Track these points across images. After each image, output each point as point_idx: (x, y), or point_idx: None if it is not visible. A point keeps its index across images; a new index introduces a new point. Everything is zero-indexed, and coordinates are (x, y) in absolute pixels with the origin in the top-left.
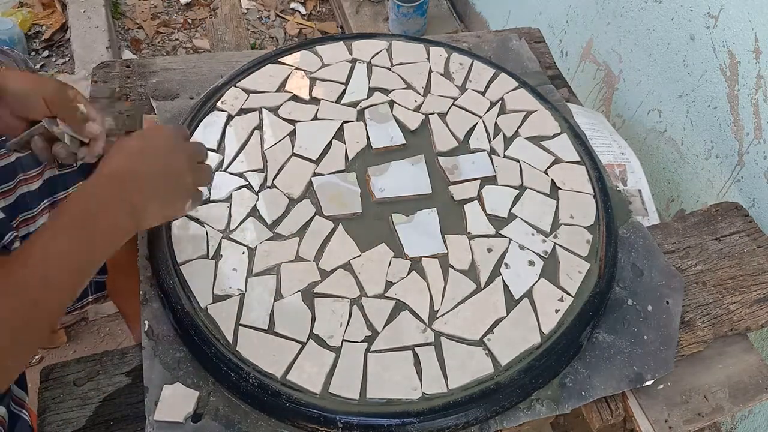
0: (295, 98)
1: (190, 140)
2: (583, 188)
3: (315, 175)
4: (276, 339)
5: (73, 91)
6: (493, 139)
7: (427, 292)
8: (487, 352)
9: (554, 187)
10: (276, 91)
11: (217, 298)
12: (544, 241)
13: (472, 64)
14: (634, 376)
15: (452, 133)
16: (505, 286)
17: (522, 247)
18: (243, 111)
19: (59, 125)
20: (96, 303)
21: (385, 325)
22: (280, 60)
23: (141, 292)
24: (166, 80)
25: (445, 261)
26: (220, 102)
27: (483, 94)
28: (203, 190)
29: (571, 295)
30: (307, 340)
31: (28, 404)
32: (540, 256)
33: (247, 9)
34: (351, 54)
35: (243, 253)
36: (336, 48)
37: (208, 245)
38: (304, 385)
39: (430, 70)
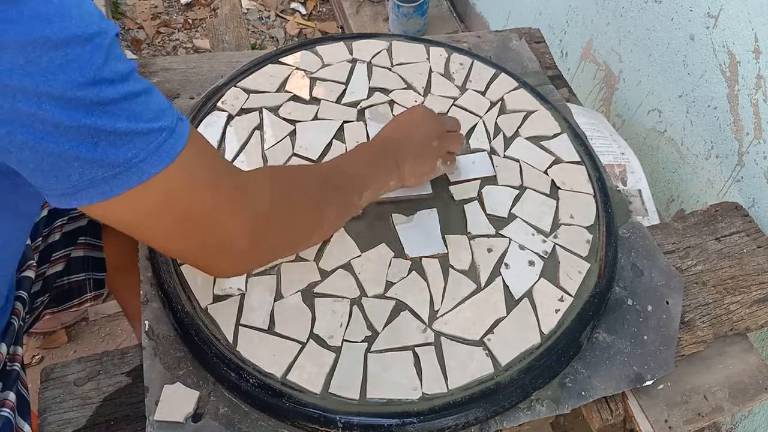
0: (295, 98)
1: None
2: (583, 188)
3: None
4: (276, 339)
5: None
6: (493, 139)
7: (427, 292)
8: (487, 352)
9: (554, 187)
10: (276, 91)
11: (218, 298)
12: (544, 241)
13: (472, 64)
14: (634, 376)
15: None
16: (505, 286)
17: (522, 247)
18: (243, 111)
19: None
20: (95, 301)
21: (385, 325)
22: (280, 60)
23: (141, 292)
24: (166, 80)
25: (445, 261)
26: (220, 102)
27: (483, 94)
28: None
29: (571, 295)
30: (307, 340)
31: (10, 403)
32: (540, 256)
33: (248, 9)
34: (351, 54)
35: None
36: (336, 48)
37: None
38: (304, 385)
39: (430, 70)
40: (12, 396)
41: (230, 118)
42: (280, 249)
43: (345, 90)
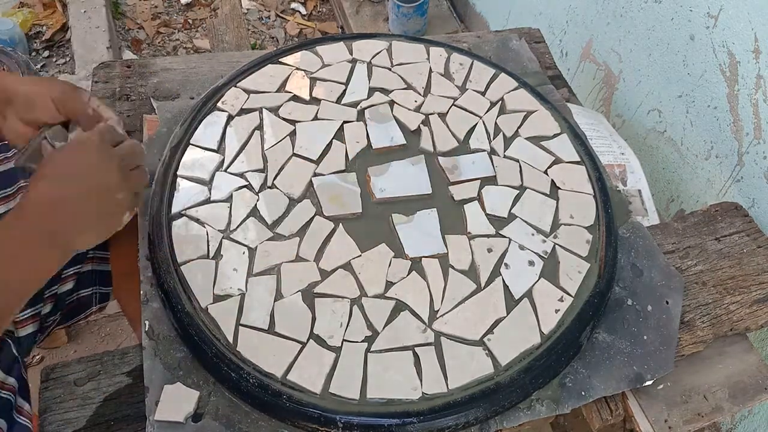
0: (295, 98)
1: (125, 142)
2: (583, 188)
3: (315, 175)
4: (276, 339)
5: (81, 90)
6: (493, 139)
7: (427, 292)
8: (487, 352)
9: (554, 187)
10: (276, 92)
11: (218, 298)
12: (544, 241)
13: (472, 64)
14: (634, 376)
15: (452, 133)
16: (505, 286)
17: (522, 247)
18: (243, 111)
19: (70, 129)
20: (99, 312)
21: (385, 325)
22: (280, 60)
23: (141, 292)
24: (166, 80)
25: (445, 261)
26: (220, 102)
27: (483, 94)
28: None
29: (571, 295)
30: (308, 340)
31: (27, 410)
32: (540, 256)
33: (248, 9)
34: (351, 54)
35: (243, 253)
36: (336, 48)
37: (208, 245)
38: (304, 385)
39: (430, 70)
40: (11, 380)
41: (230, 118)
42: None
43: (345, 90)
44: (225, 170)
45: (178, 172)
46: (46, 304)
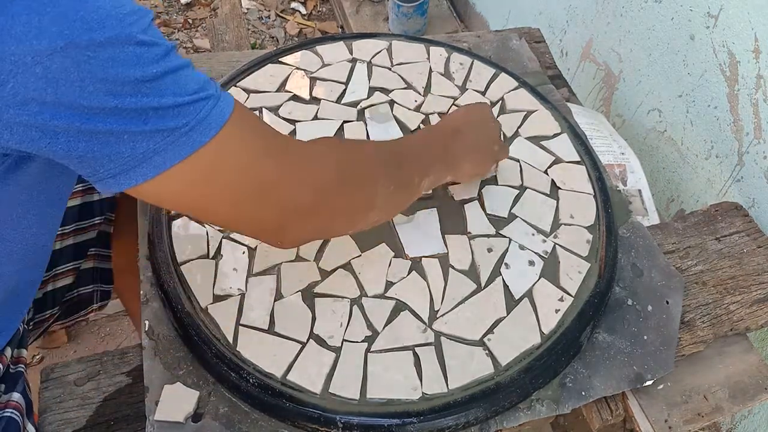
0: (295, 98)
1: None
2: (583, 188)
3: None
4: (276, 339)
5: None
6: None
7: (427, 292)
8: (487, 352)
9: (554, 187)
10: (276, 91)
11: (218, 298)
12: (544, 241)
13: (472, 64)
14: (634, 376)
15: None
16: (505, 286)
17: (522, 247)
18: None
19: None
20: (99, 310)
21: (385, 325)
22: (280, 60)
23: (141, 292)
24: None
25: (445, 261)
26: None
27: (483, 93)
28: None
29: (571, 295)
30: (308, 340)
31: (14, 404)
32: (540, 256)
33: (248, 9)
34: (351, 54)
35: (243, 252)
36: (336, 48)
37: (208, 245)
38: (304, 385)
39: (430, 70)
40: (17, 396)
41: None
42: (339, 215)
43: (345, 90)
44: None
45: None
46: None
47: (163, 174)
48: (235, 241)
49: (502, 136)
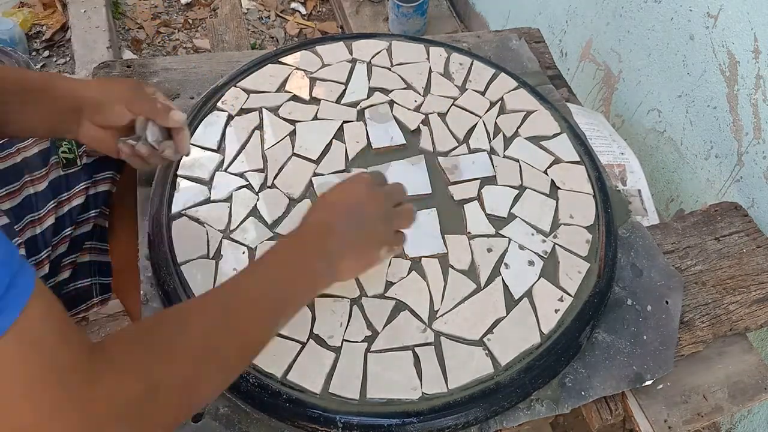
0: (295, 98)
1: (384, 184)
2: (582, 188)
3: (315, 175)
4: (276, 339)
5: (145, 87)
6: (493, 139)
7: (427, 292)
8: (487, 352)
9: (554, 187)
10: (276, 91)
11: None
12: (544, 241)
13: (472, 64)
14: (634, 376)
15: (452, 133)
16: (505, 286)
17: (522, 247)
18: (243, 111)
19: (138, 125)
20: (101, 305)
21: (385, 325)
22: (280, 60)
23: (142, 292)
24: (166, 80)
25: (445, 261)
26: (220, 102)
27: (483, 94)
28: (406, 231)
29: (571, 295)
30: (307, 340)
31: None
32: (540, 256)
33: (248, 9)
34: (351, 54)
35: (243, 253)
36: (336, 48)
37: (208, 245)
38: (304, 385)
39: (430, 70)
40: None
41: (230, 118)
42: None
43: (345, 90)
44: (225, 170)
45: (178, 172)
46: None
47: None
48: (236, 242)
49: (402, 197)
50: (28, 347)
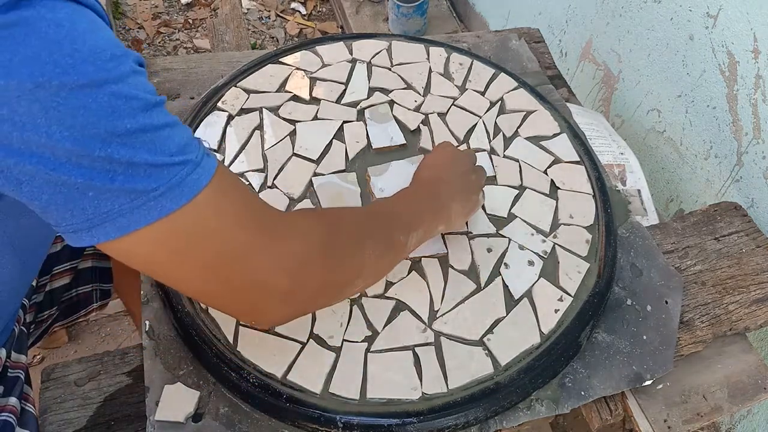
0: (295, 98)
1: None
2: (582, 188)
3: (315, 175)
4: (276, 339)
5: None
6: (493, 139)
7: (427, 292)
8: (487, 352)
9: (554, 187)
10: (276, 91)
11: None
12: (544, 241)
13: (471, 64)
14: (634, 375)
15: (452, 133)
16: (505, 286)
17: (522, 247)
18: (243, 111)
19: None
20: (100, 310)
21: (385, 325)
22: (280, 60)
23: (142, 293)
24: (166, 80)
25: (445, 261)
26: (220, 102)
27: (483, 94)
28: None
29: (571, 295)
30: (308, 340)
31: (32, 398)
32: (540, 256)
33: (248, 9)
34: (351, 54)
35: None
36: (336, 48)
37: None
38: (304, 385)
39: (430, 70)
40: (13, 401)
41: (230, 118)
42: (323, 292)
43: (345, 90)
44: None
45: None
46: (38, 293)
47: (128, 236)
48: None
49: (475, 159)
50: (232, 194)
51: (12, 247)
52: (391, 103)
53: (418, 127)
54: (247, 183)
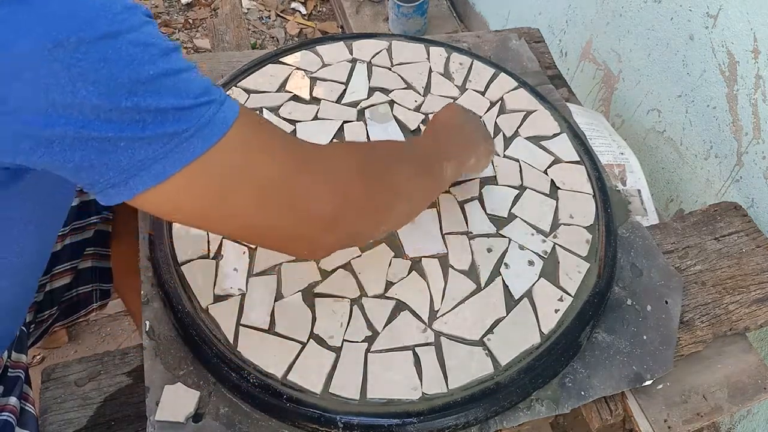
0: (295, 98)
1: None
2: (582, 188)
3: None
4: (276, 339)
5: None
6: (493, 138)
7: (427, 292)
8: (487, 352)
9: (554, 187)
10: (276, 91)
11: (218, 298)
12: (544, 240)
13: (471, 64)
14: (634, 375)
15: None
16: (505, 286)
17: (522, 247)
18: None
19: None
20: (99, 310)
21: (386, 325)
22: (280, 60)
23: (142, 293)
24: None
25: (445, 261)
26: None
27: (483, 94)
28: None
29: (571, 295)
30: (308, 340)
31: (32, 398)
32: (540, 256)
33: (248, 9)
34: (351, 54)
35: (244, 252)
36: (336, 48)
37: (208, 245)
38: (304, 385)
39: (430, 70)
40: (14, 400)
41: None
42: (364, 216)
43: (345, 90)
44: None
45: None
46: (38, 292)
47: (166, 183)
48: (236, 242)
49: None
50: (262, 128)
51: (35, 227)
52: (391, 102)
53: (419, 127)
54: None
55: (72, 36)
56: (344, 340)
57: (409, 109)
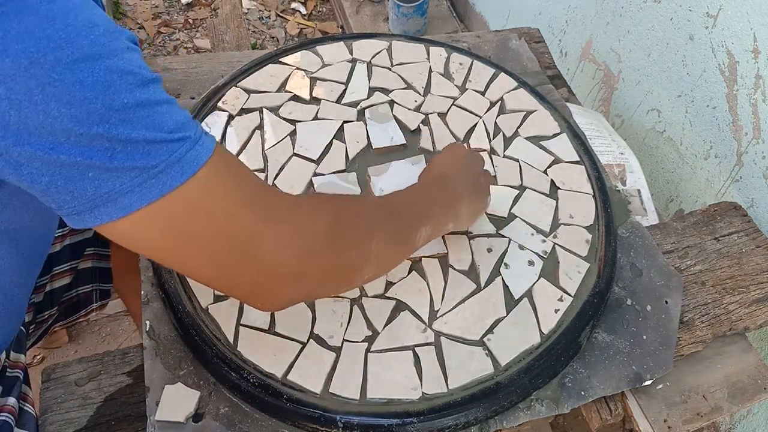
0: (295, 98)
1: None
2: (582, 188)
3: (315, 175)
4: (277, 339)
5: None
6: (493, 138)
7: (427, 292)
8: (487, 352)
9: (554, 187)
10: (277, 91)
11: (218, 298)
12: (544, 241)
13: (471, 64)
14: (633, 375)
15: (452, 133)
16: (505, 286)
17: (522, 247)
18: (244, 111)
19: None
20: (99, 310)
21: (386, 325)
22: (280, 60)
23: (142, 293)
24: (167, 80)
25: (445, 261)
26: (221, 102)
27: (483, 94)
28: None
29: (571, 295)
30: (308, 340)
31: (31, 398)
32: (539, 256)
33: (248, 9)
34: (351, 54)
35: None
36: (336, 48)
37: None
38: (304, 385)
39: (430, 70)
40: (12, 401)
41: (231, 118)
42: (330, 277)
43: (345, 90)
44: None
45: None
46: (37, 293)
47: (130, 217)
48: None
49: (484, 163)
50: (234, 172)
51: (9, 238)
52: (392, 103)
53: (419, 127)
54: None
55: (49, 54)
56: (344, 340)
57: (409, 109)
